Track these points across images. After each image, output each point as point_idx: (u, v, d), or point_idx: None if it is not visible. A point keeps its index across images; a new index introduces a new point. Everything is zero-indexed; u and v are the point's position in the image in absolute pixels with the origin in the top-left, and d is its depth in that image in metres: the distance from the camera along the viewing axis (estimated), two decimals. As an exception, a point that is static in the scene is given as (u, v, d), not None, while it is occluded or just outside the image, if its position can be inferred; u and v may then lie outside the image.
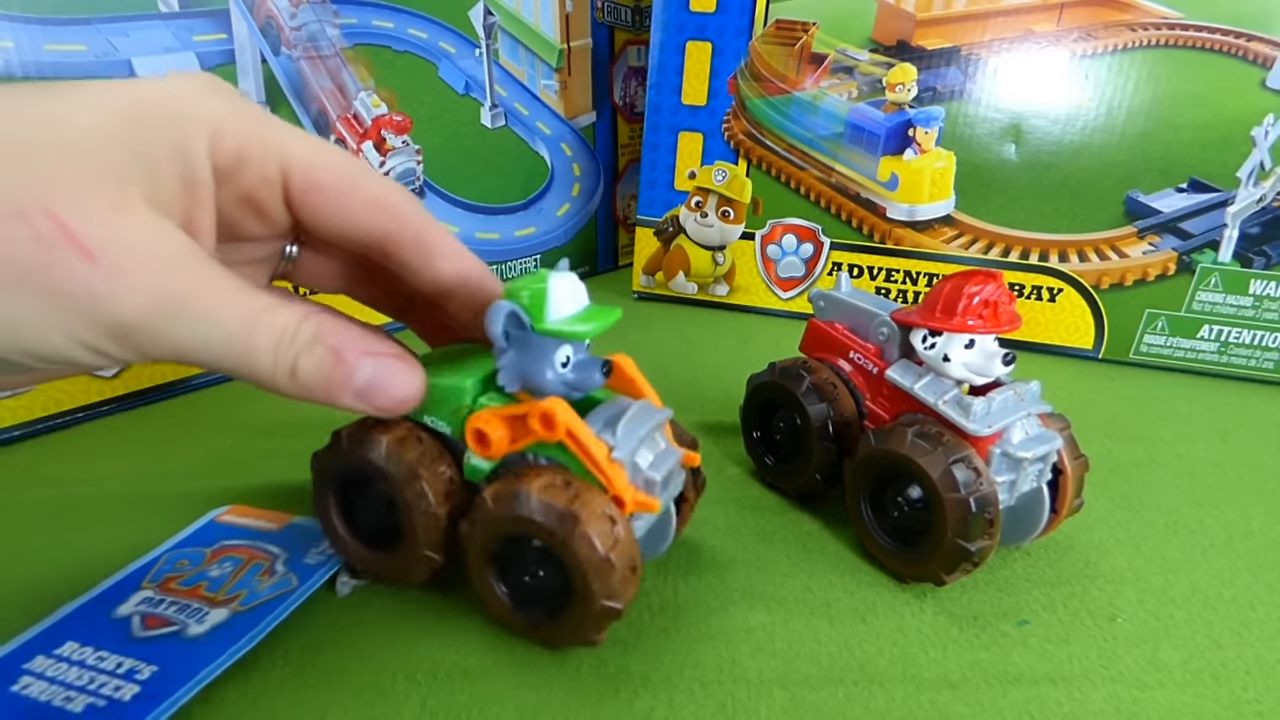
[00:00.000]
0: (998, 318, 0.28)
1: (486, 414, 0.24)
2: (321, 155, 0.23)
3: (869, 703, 0.25)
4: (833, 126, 0.56)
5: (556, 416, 0.23)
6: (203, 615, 0.26)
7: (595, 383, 0.25)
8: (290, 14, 0.46)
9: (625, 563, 0.23)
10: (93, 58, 0.39)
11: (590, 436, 0.23)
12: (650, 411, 0.26)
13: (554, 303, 0.23)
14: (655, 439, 0.26)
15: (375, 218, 0.24)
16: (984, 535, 0.27)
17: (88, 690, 0.23)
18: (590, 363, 0.25)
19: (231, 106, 0.21)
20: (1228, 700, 0.25)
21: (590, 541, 0.22)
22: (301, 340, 0.21)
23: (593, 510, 0.23)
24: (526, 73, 0.60)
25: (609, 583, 0.23)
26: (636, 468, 0.25)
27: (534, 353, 0.24)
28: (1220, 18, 0.49)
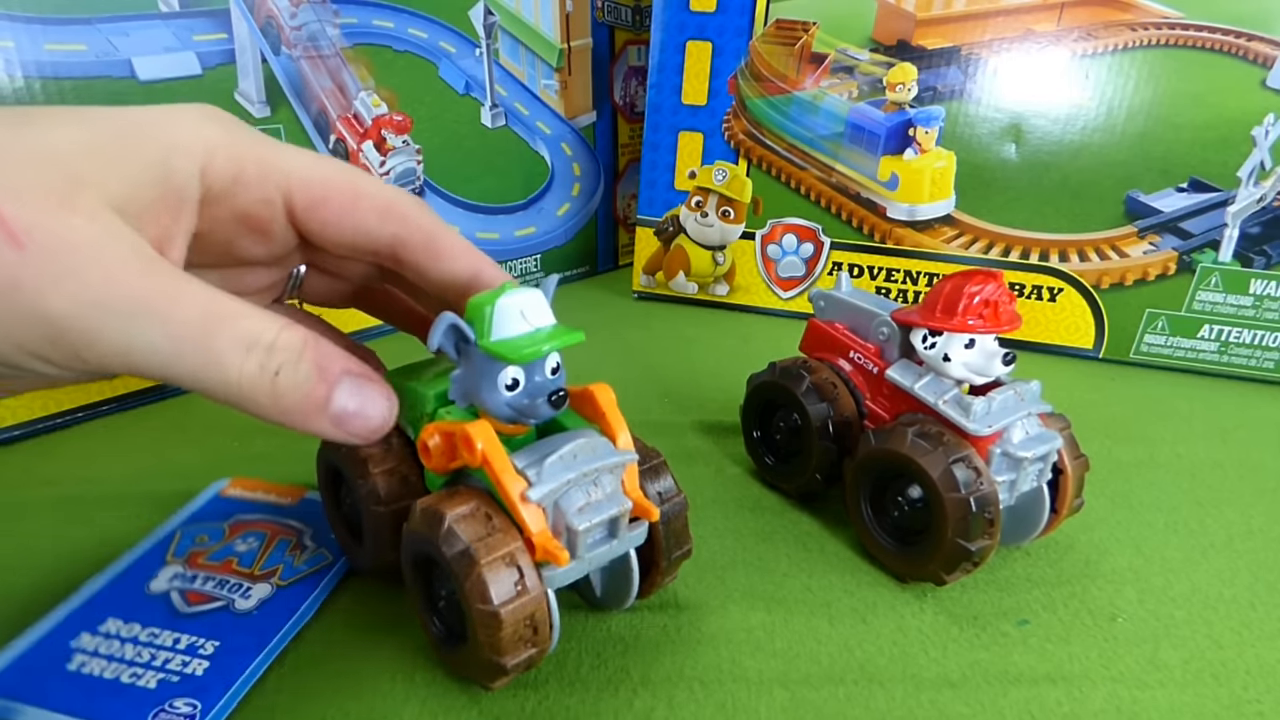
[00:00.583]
0: (998, 317, 0.28)
1: (432, 427, 0.23)
2: (323, 170, 0.23)
3: (869, 702, 0.25)
4: (833, 126, 0.56)
5: (472, 440, 0.21)
6: (246, 591, 0.27)
7: (543, 413, 0.22)
8: (290, 14, 0.46)
9: (519, 619, 0.21)
10: (93, 57, 0.39)
11: (506, 469, 0.21)
12: (601, 451, 0.23)
13: (500, 319, 0.22)
14: (598, 483, 0.23)
15: (384, 224, 0.23)
16: (984, 535, 0.27)
17: (153, 667, 0.24)
18: (540, 389, 0.22)
19: (228, 131, 0.21)
20: (1228, 700, 0.25)
21: (483, 589, 0.21)
22: (287, 350, 0.19)
23: (496, 554, 0.21)
24: (527, 72, 0.60)
25: (496, 638, 0.21)
26: (560, 512, 0.22)
27: (479, 372, 0.22)
28: (1220, 17, 0.48)
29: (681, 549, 0.26)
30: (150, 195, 0.19)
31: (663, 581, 0.27)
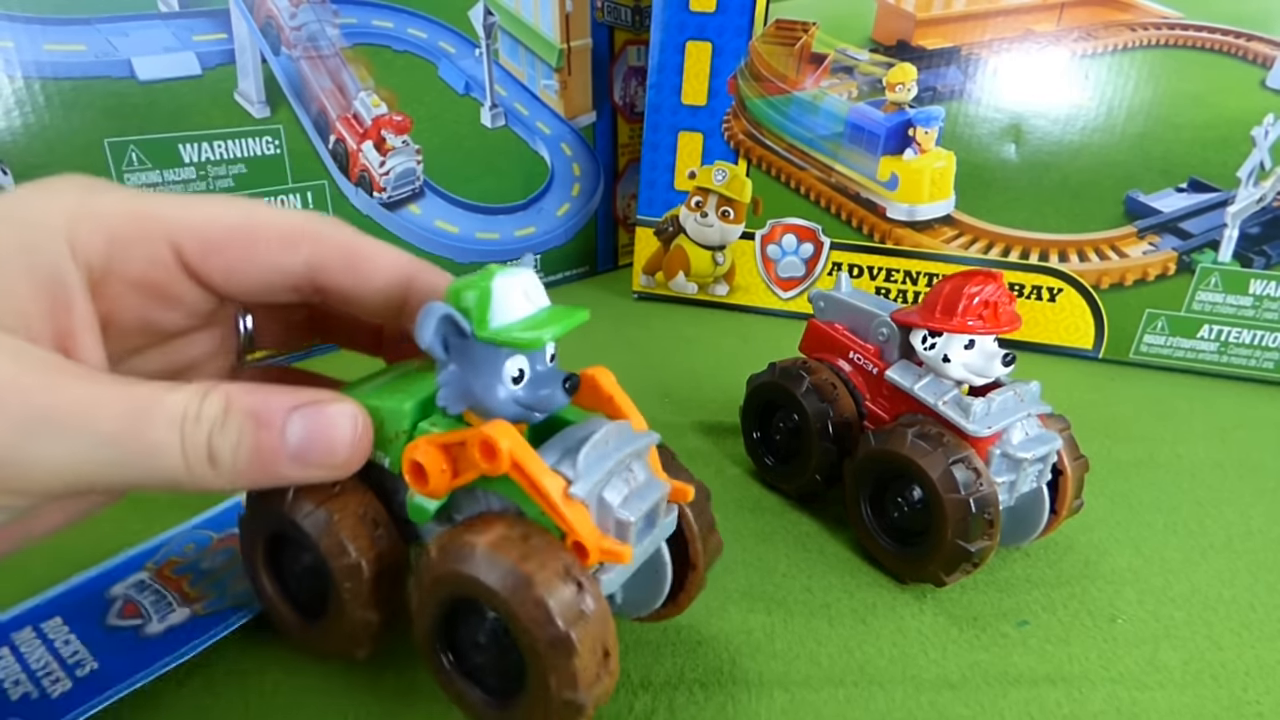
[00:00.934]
0: (997, 318, 0.28)
1: (424, 442, 0.20)
2: (210, 211, 0.20)
3: (869, 704, 0.25)
4: (833, 126, 0.56)
5: (498, 445, 0.18)
6: (167, 612, 0.25)
7: (557, 402, 0.20)
8: (290, 14, 0.46)
9: (592, 643, 0.18)
10: (92, 57, 0.39)
11: (542, 469, 0.19)
12: (626, 435, 0.21)
13: (500, 304, 0.19)
14: (631, 469, 0.21)
15: (292, 254, 0.21)
16: (984, 536, 0.27)
17: (35, 678, 0.23)
18: (550, 377, 0.20)
19: (88, 194, 0.19)
20: (1228, 701, 0.25)
21: (545, 610, 0.17)
22: (209, 416, 0.17)
23: (550, 571, 0.18)
24: (526, 72, 0.60)
25: (569, 669, 0.17)
26: (605, 506, 0.20)
27: (479, 366, 0.19)
28: (1220, 17, 0.48)
29: (714, 541, 0.24)
30: (24, 294, 0.17)
31: (700, 582, 0.23)
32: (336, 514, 0.21)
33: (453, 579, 0.19)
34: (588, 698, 0.18)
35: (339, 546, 0.20)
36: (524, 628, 0.17)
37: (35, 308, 0.17)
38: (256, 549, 0.23)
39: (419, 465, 0.20)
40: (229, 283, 0.21)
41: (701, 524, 0.23)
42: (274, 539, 0.22)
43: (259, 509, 0.22)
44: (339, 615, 0.21)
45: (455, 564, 0.18)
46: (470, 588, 0.18)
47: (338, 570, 0.21)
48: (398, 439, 0.21)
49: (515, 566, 0.18)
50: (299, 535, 0.21)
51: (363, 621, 0.21)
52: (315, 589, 0.22)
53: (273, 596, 0.23)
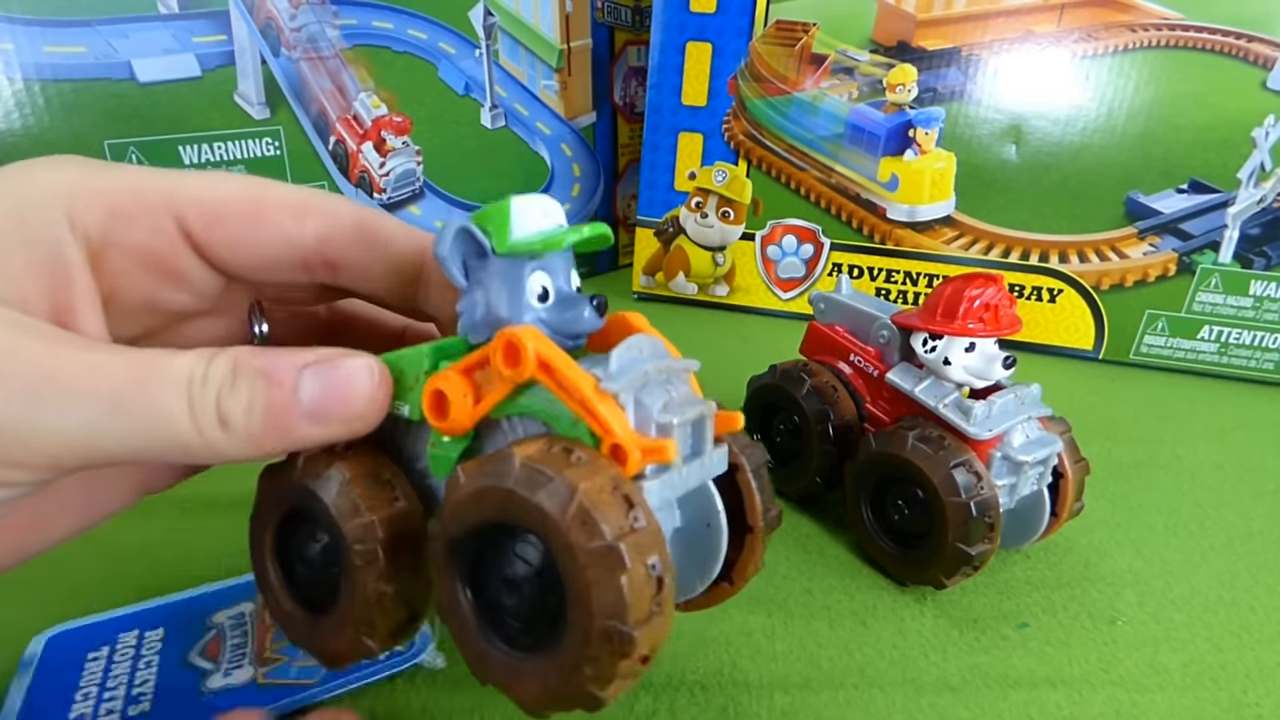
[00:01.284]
0: (998, 321, 0.28)
1: (445, 370, 0.18)
2: (213, 184, 0.19)
3: (869, 706, 0.25)
4: (833, 127, 0.56)
5: (522, 343, 0.16)
6: (234, 668, 0.25)
7: (587, 323, 0.18)
8: (290, 15, 0.46)
9: (644, 565, 0.15)
10: (92, 59, 0.39)
11: (571, 365, 0.17)
12: (662, 350, 0.19)
13: (519, 219, 0.18)
14: (672, 383, 0.19)
15: (301, 225, 0.20)
16: (984, 539, 0.27)
17: (103, 697, 0.24)
18: (576, 298, 0.19)
19: (87, 169, 0.18)
20: (1228, 703, 0.25)
21: (592, 522, 0.15)
22: (216, 378, 0.16)
23: (597, 482, 0.15)
24: (526, 73, 0.60)
25: (616, 586, 0.15)
26: (642, 408, 0.17)
27: (500, 284, 0.18)
28: (1221, 19, 0.48)
29: (772, 507, 0.20)
30: (21, 268, 0.17)
31: (760, 552, 0.20)
32: (349, 472, 0.19)
33: (484, 497, 0.16)
34: (638, 631, 0.15)
35: (351, 506, 0.19)
36: (567, 543, 0.15)
37: (33, 283, 0.17)
38: (264, 537, 0.21)
39: (440, 394, 0.18)
40: (235, 256, 0.20)
41: (759, 479, 0.20)
42: (284, 524, 0.21)
43: (269, 489, 0.21)
44: (351, 592, 0.19)
45: (489, 479, 0.16)
46: (504, 504, 0.16)
47: (350, 533, 0.18)
48: (418, 383, 0.19)
49: (555, 476, 0.15)
50: (309, 504, 0.19)
51: (376, 595, 0.19)
52: (326, 579, 0.20)
53: (277, 589, 0.21)
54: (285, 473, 0.20)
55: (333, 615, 0.20)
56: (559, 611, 0.16)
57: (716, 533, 0.19)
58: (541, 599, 0.16)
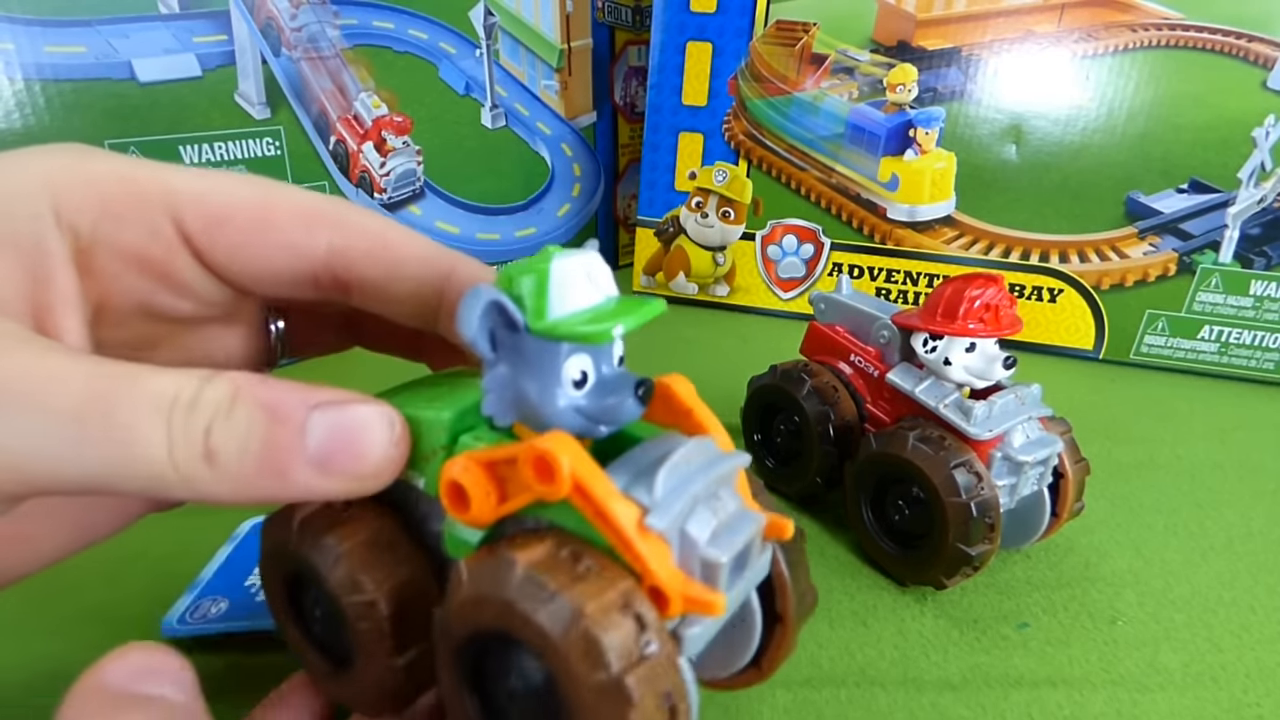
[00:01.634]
0: (999, 321, 0.28)
1: (465, 460, 0.16)
2: (216, 183, 0.18)
3: (870, 705, 0.25)
4: (833, 127, 0.56)
5: (557, 461, 0.14)
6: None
7: (627, 412, 0.16)
8: (290, 15, 0.46)
9: (654, 695, 0.14)
10: (93, 59, 0.39)
11: (612, 493, 0.15)
12: (712, 455, 0.17)
13: (559, 290, 0.16)
14: (719, 497, 0.17)
15: (312, 234, 0.18)
16: (985, 540, 0.27)
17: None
18: (620, 382, 0.16)
19: (80, 158, 0.17)
20: (1228, 704, 0.25)
21: (597, 651, 0.13)
22: (210, 402, 0.14)
23: (605, 601, 0.14)
24: (527, 73, 0.60)
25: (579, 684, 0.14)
26: (689, 542, 0.16)
27: (533, 366, 0.16)
28: (1221, 18, 0.48)
29: (810, 593, 0.19)
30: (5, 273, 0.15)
31: (790, 641, 0.19)
32: (345, 542, 0.17)
33: (482, 605, 0.15)
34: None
35: (351, 582, 0.17)
36: (568, 671, 0.14)
37: (11, 280, 0.15)
38: (275, 589, 0.19)
39: (459, 487, 0.16)
40: (238, 265, 0.18)
41: (794, 567, 0.19)
42: (290, 581, 0.19)
43: (268, 546, 0.19)
44: (364, 663, 0.18)
45: (487, 587, 0.15)
46: (503, 617, 0.14)
47: (350, 610, 0.17)
48: (435, 456, 0.17)
49: (559, 593, 0.14)
50: (307, 572, 0.18)
51: (387, 670, 0.17)
52: (340, 639, 0.19)
53: (299, 641, 0.19)
54: (282, 531, 0.18)
55: (352, 673, 0.18)
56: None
57: (750, 629, 0.18)
58: (547, 716, 0.15)
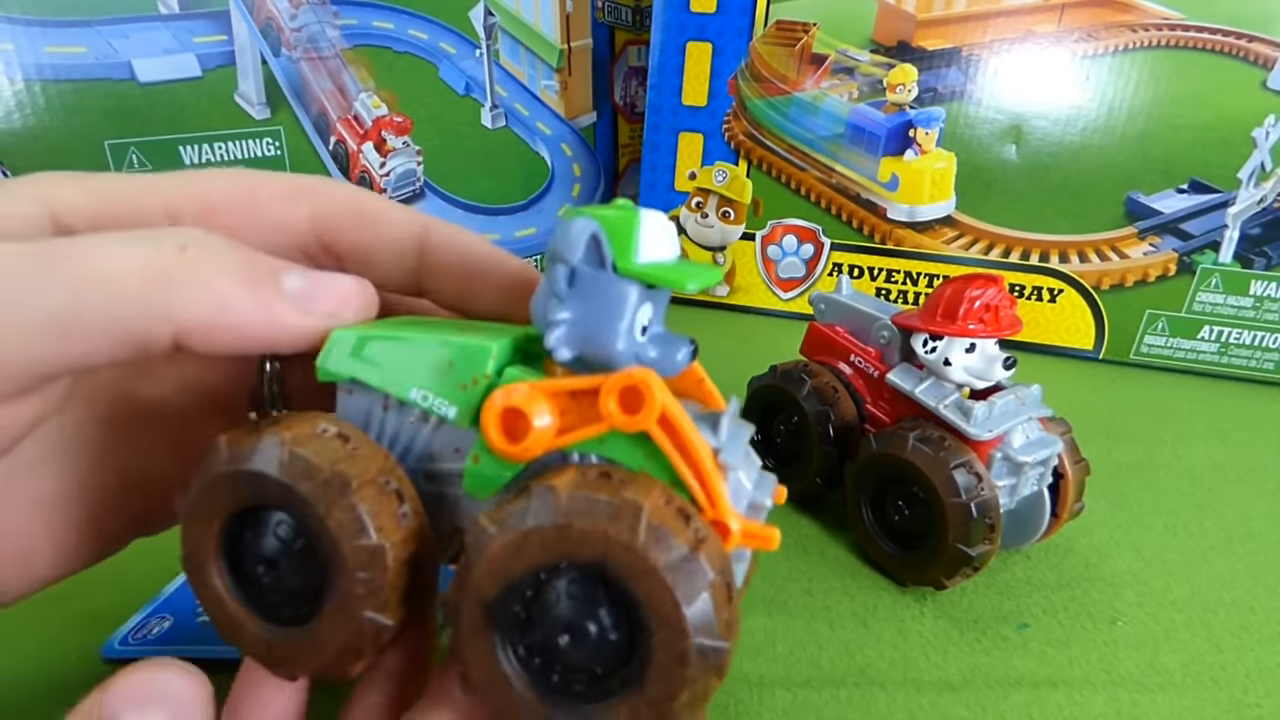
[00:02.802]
0: (999, 322, 0.28)
1: (526, 387, 0.16)
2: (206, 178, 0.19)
3: (870, 705, 0.25)
4: (833, 127, 0.56)
5: (651, 393, 0.15)
6: None
7: (677, 366, 0.17)
8: (290, 15, 0.46)
9: (719, 571, 0.14)
10: (93, 59, 0.39)
11: (693, 428, 0.15)
12: (740, 422, 0.19)
13: (647, 239, 0.16)
14: (751, 458, 0.18)
15: (294, 206, 0.20)
16: (985, 540, 0.27)
17: None
18: (674, 337, 0.17)
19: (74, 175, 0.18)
20: (1228, 704, 0.25)
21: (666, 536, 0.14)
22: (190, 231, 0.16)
23: (655, 498, 0.14)
24: (527, 73, 0.60)
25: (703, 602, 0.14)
26: (740, 487, 0.17)
27: (607, 306, 0.16)
28: (1221, 19, 0.48)
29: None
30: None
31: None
32: (354, 479, 0.16)
33: (529, 543, 0.14)
34: (728, 643, 0.14)
35: (355, 524, 0.15)
36: (647, 567, 0.14)
37: None
38: (209, 533, 0.17)
39: (520, 415, 0.15)
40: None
41: None
42: (237, 518, 0.17)
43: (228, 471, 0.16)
44: (339, 617, 0.16)
45: (531, 520, 0.14)
46: (558, 545, 0.14)
47: (351, 555, 0.15)
48: (475, 385, 0.16)
49: (615, 498, 0.14)
50: (292, 505, 0.16)
51: (372, 628, 0.16)
52: (295, 587, 0.17)
53: (226, 599, 0.17)
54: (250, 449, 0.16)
55: (307, 633, 0.16)
56: (635, 644, 0.14)
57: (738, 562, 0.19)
58: (614, 637, 0.15)
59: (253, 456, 0.16)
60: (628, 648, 0.15)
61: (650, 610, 0.14)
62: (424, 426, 0.18)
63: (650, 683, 0.14)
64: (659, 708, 0.14)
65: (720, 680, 0.14)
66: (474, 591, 0.15)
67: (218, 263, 0.15)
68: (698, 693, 0.14)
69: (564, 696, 0.15)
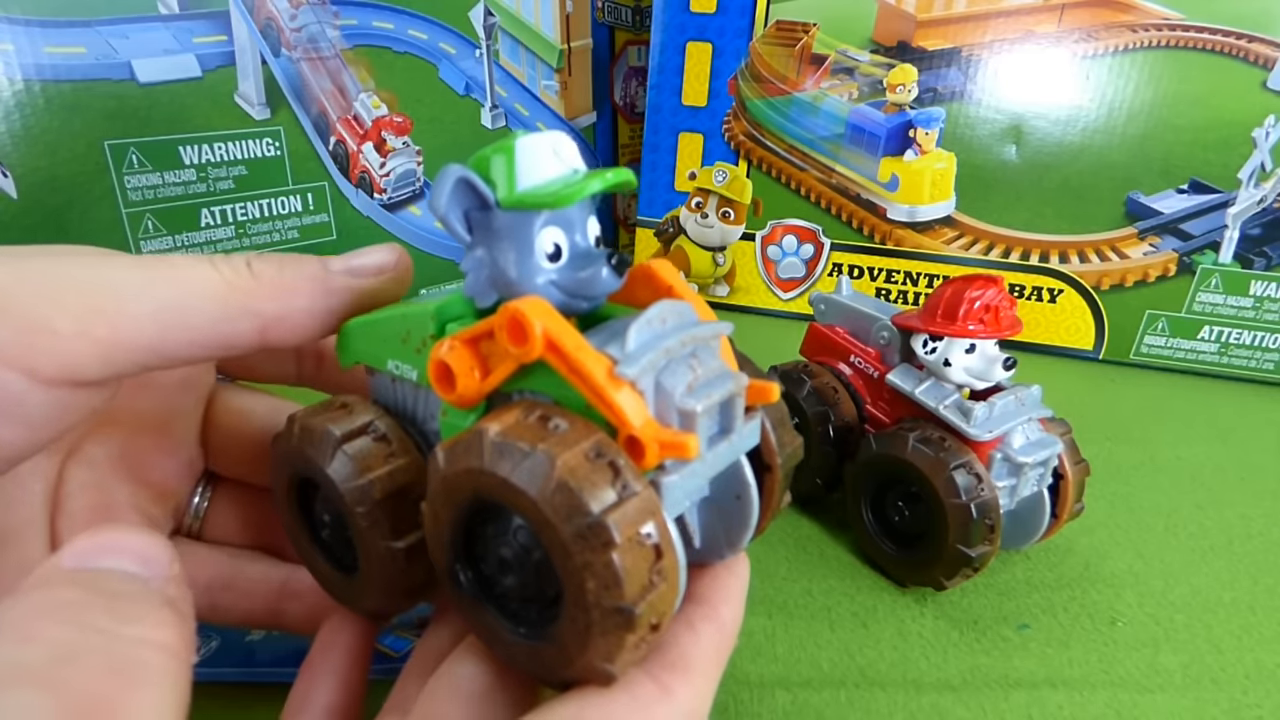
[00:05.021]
0: (998, 322, 0.28)
1: (449, 340, 0.17)
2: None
3: (870, 705, 0.25)
4: (833, 127, 0.56)
5: (528, 320, 0.15)
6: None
7: (604, 283, 0.17)
8: (290, 15, 0.46)
9: (635, 535, 0.14)
10: (93, 60, 0.39)
11: (582, 346, 0.15)
12: (688, 316, 0.17)
13: (526, 164, 0.16)
14: (698, 356, 0.17)
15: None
16: (985, 541, 0.27)
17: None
18: (593, 255, 0.17)
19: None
20: (1227, 704, 0.25)
21: (574, 498, 0.14)
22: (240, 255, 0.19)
23: (577, 451, 0.14)
24: (527, 73, 0.60)
25: (607, 564, 0.14)
26: (663, 393, 0.16)
27: (505, 241, 0.16)
28: (1221, 19, 0.48)
29: (792, 440, 0.19)
30: None
31: (779, 494, 0.19)
32: (340, 430, 0.18)
33: (462, 479, 0.15)
34: (639, 606, 0.14)
35: (348, 469, 0.18)
36: (547, 522, 0.14)
37: None
38: (286, 499, 0.20)
39: (445, 366, 0.16)
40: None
41: (777, 425, 0.19)
42: (299, 489, 0.20)
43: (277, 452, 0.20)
44: (365, 554, 0.18)
45: (463, 460, 0.15)
46: (481, 485, 0.15)
47: (349, 495, 0.18)
48: (425, 346, 0.18)
49: (532, 450, 0.14)
50: (311, 471, 0.19)
51: (388, 554, 0.18)
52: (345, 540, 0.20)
53: (310, 549, 0.21)
54: (285, 435, 0.19)
55: (358, 575, 0.19)
56: (558, 591, 0.15)
57: (747, 504, 0.18)
58: (538, 578, 0.16)
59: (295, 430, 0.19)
60: (556, 591, 0.15)
61: (558, 568, 0.14)
62: (417, 394, 0.19)
63: (569, 628, 0.15)
64: (581, 601, 0.14)
65: (637, 635, 0.14)
66: (435, 508, 0.16)
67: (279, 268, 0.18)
68: (612, 647, 0.14)
69: (532, 629, 0.16)
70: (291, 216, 0.49)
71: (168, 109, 0.42)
